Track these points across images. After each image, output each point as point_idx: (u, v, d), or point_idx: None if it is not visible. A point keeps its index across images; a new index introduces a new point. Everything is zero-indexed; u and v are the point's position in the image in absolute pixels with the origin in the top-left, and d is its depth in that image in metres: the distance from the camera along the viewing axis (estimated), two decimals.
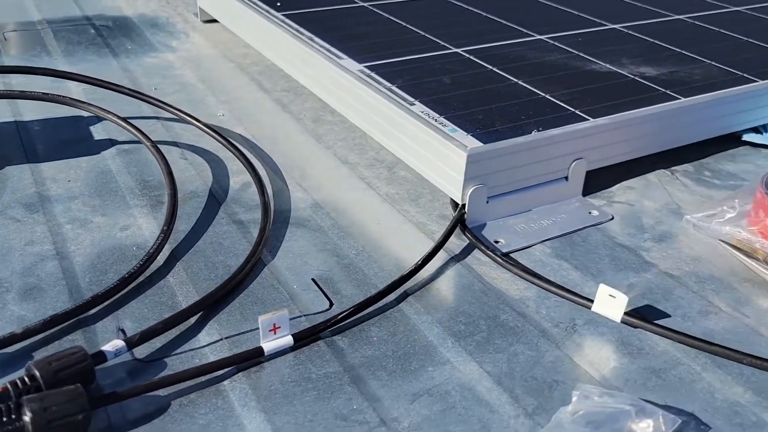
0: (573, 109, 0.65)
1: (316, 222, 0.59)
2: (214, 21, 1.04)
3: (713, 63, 0.79)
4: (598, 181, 0.67)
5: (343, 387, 0.42)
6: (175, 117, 0.73)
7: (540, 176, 0.61)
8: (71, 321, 0.46)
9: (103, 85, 0.74)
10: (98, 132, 0.71)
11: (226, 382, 0.42)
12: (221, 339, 0.45)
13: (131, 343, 0.43)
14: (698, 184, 0.68)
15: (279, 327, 0.44)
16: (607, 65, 0.77)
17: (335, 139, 0.73)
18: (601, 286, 0.48)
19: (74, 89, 0.80)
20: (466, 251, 0.56)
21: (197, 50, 0.95)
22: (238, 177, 0.65)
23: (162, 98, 0.79)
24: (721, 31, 0.90)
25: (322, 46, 0.77)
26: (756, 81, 0.74)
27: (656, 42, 0.85)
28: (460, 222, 0.58)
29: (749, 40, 0.87)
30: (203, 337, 0.46)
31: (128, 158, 0.67)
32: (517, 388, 0.43)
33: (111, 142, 0.69)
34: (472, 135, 0.59)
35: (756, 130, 0.76)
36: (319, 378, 0.43)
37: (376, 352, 0.45)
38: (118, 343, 0.42)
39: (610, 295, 0.47)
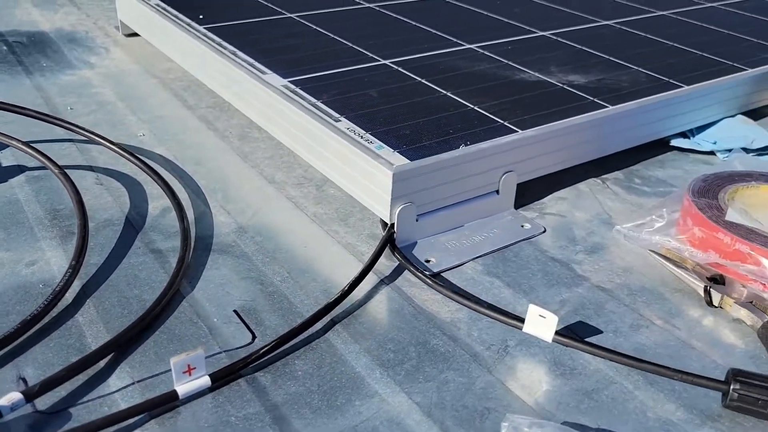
0: (502, 121, 0.64)
1: (240, 248, 0.56)
2: (137, 35, 1.00)
3: (640, 69, 0.79)
4: (530, 192, 0.66)
5: (265, 429, 0.40)
6: (88, 139, 0.69)
7: (470, 191, 0.60)
8: None
9: (7, 108, 0.69)
10: (5, 158, 0.67)
11: None
12: (133, 383, 0.42)
13: (30, 395, 0.39)
14: (629, 192, 0.68)
15: (194, 368, 0.41)
16: (536, 74, 0.76)
17: (262, 157, 0.70)
18: (531, 306, 0.46)
19: None
20: (396, 273, 0.54)
21: (117, 66, 0.91)
22: (158, 202, 0.62)
23: (78, 118, 0.75)
24: (648, 36, 0.91)
25: (245, 61, 0.74)
26: (682, 86, 0.74)
27: (584, 48, 0.85)
28: (389, 242, 0.56)
29: (674, 44, 0.88)
30: (114, 381, 0.43)
31: (38, 186, 0.63)
32: (447, 419, 0.41)
33: (19, 169, 0.65)
34: (398, 152, 0.58)
35: (683, 134, 0.77)
36: (239, 420, 0.40)
37: (300, 388, 0.43)
38: (15, 396, 0.39)
39: (540, 315, 0.46)
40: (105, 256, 0.54)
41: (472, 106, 0.67)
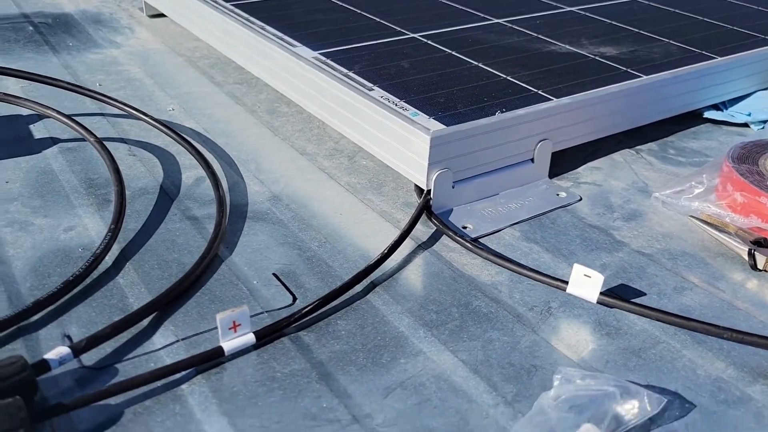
0: (536, 90, 0.64)
1: (275, 215, 0.56)
2: (161, 15, 1.00)
3: (672, 42, 0.78)
4: (564, 163, 0.65)
5: (311, 385, 0.40)
6: (122, 113, 0.69)
7: (505, 159, 0.59)
8: (11, 329, 0.42)
9: (43, 81, 0.69)
10: (39, 130, 0.67)
11: (184, 386, 0.39)
12: (177, 340, 0.42)
13: (77, 350, 0.39)
14: (664, 162, 0.67)
15: (239, 324, 0.41)
16: (567, 46, 0.75)
17: (292, 130, 0.70)
18: (576, 266, 0.46)
19: (12, 86, 0.75)
20: (434, 238, 0.54)
21: (143, 45, 0.91)
22: (191, 172, 0.62)
23: (108, 94, 0.75)
24: (677, 11, 0.90)
25: (274, 35, 0.74)
26: (716, 57, 0.73)
27: (614, 23, 0.84)
28: (425, 208, 0.56)
29: (705, 19, 0.87)
30: (158, 339, 0.42)
31: (72, 156, 0.63)
32: (494, 375, 0.41)
33: (53, 141, 0.65)
34: (434, 118, 0.57)
35: (716, 107, 0.76)
36: (284, 377, 0.40)
37: (345, 347, 0.43)
38: (63, 350, 0.39)
39: (585, 275, 0.45)
40: (142, 222, 0.54)
41: (504, 76, 0.67)
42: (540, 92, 0.63)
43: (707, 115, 0.75)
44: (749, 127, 0.74)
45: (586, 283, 0.46)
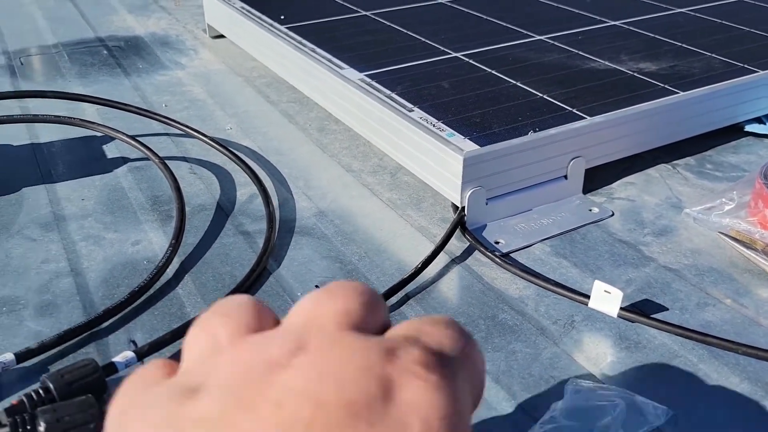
0: (570, 108, 0.66)
1: (320, 230, 0.61)
2: (223, 36, 1.06)
3: (713, 55, 0.79)
4: (598, 178, 0.67)
5: None
6: (183, 132, 0.75)
7: (538, 176, 0.62)
8: (85, 334, 0.48)
9: (113, 105, 0.76)
10: (111, 150, 0.74)
11: None
12: None
13: (141, 354, 0.45)
14: (700, 177, 0.68)
15: None
16: (606, 62, 0.77)
17: (340, 148, 0.75)
18: (596, 282, 0.48)
19: (88, 110, 0.82)
20: (467, 253, 0.57)
21: (206, 66, 0.97)
22: (245, 189, 0.67)
23: (171, 114, 0.81)
24: (723, 22, 0.90)
25: (323, 57, 0.79)
26: (757, 71, 0.74)
27: (657, 36, 0.85)
28: (460, 224, 0.59)
29: (751, 30, 0.87)
30: None
31: (139, 175, 0.69)
32: (514, 384, 0.44)
33: (123, 160, 0.72)
34: (469, 138, 0.60)
35: (759, 120, 0.76)
36: None
37: None
38: (129, 354, 0.44)
39: (606, 291, 0.48)
40: (199, 236, 0.59)
41: (541, 95, 0.69)
42: (574, 111, 0.66)
43: (748, 128, 0.75)
44: None
45: (607, 298, 0.48)
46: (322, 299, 0.22)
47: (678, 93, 0.69)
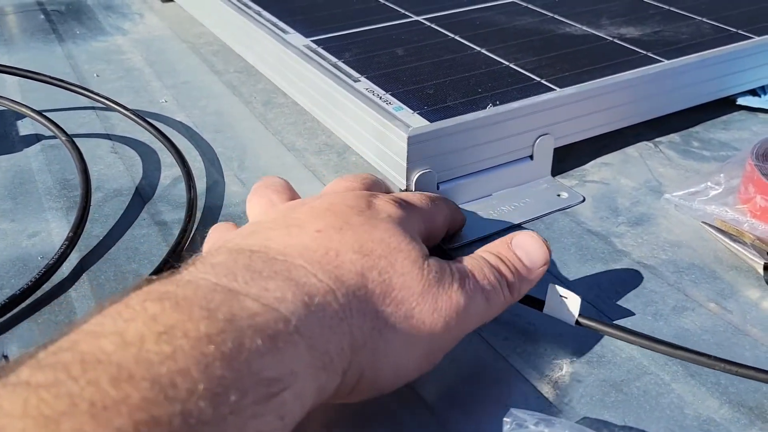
0: (539, 79, 0.58)
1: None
2: (173, 0, 0.98)
3: (704, 19, 0.71)
4: (571, 158, 0.60)
5: None
6: (107, 106, 0.67)
7: (500, 156, 0.54)
8: None
9: (25, 76, 0.68)
10: (26, 127, 0.66)
11: None
12: None
13: None
14: (684, 157, 0.60)
15: None
16: (584, 27, 0.69)
17: (284, 124, 0.67)
18: (551, 286, 0.41)
19: (9, 81, 0.74)
20: None
21: (150, 32, 0.88)
22: (170, 171, 0.59)
23: (102, 85, 0.73)
24: None
25: (268, 20, 0.70)
26: (752, 37, 0.66)
27: None
28: None
29: None
30: None
31: (52, 155, 0.61)
32: (453, 404, 0.37)
33: (36, 138, 0.64)
34: (418, 113, 0.53)
35: (753, 92, 0.68)
36: None
37: None
38: None
39: (562, 296, 0.41)
40: (108, 227, 0.52)
41: (507, 64, 0.61)
42: (543, 81, 0.58)
43: (741, 101, 0.67)
44: None
45: (563, 304, 0.41)
46: (336, 180, 0.41)
47: (662, 62, 0.61)
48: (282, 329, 0.27)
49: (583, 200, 0.55)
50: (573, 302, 0.40)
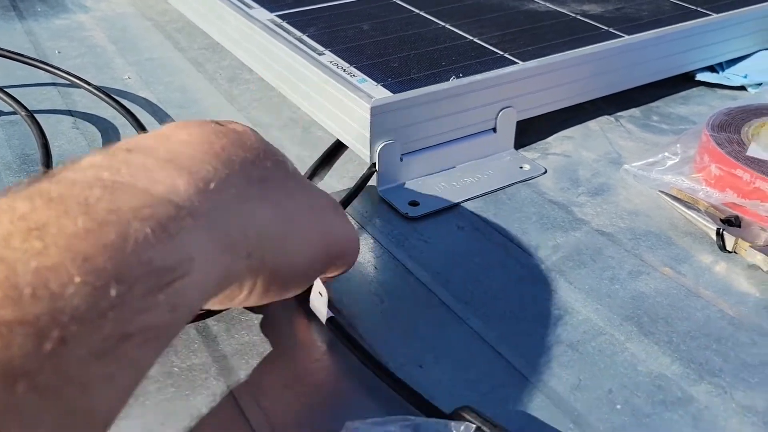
0: (502, 53, 0.59)
1: None
2: None
3: None
4: (533, 131, 0.60)
5: (209, 381, 0.37)
6: (70, 82, 0.66)
7: (462, 129, 0.55)
8: None
9: None
10: None
11: None
12: None
13: None
14: (644, 130, 0.62)
15: None
16: (547, 4, 0.70)
17: (250, 100, 0.66)
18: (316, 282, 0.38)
19: None
20: (376, 216, 0.50)
21: (113, 9, 0.87)
22: None
23: (64, 62, 0.72)
24: None
25: None
26: (710, 14, 0.67)
27: None
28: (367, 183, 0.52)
29: None
30: None
31: (12, 130, 0.60)
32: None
33: None
34: (382, 85, 0.53)
35: (712, 68, 0.70)
36: (181, 371, 0.37)
37: (255, 338, 0.40)
38: None
39: (319, 293, 0.39)
40: None
41: (471, 38, 0.62)
42: (506, 55, 0.58)
43: (700, 77, 0.69)
44: (747, 90, 0.68)
45: (319, 300, 0.39)
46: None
47: (623, 37, 0.62)
48: (174, 215, 0.25)
49: (545, 172, 0.56)
50: (324, 299, 0.38)
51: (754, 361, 0.38)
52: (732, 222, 0.47)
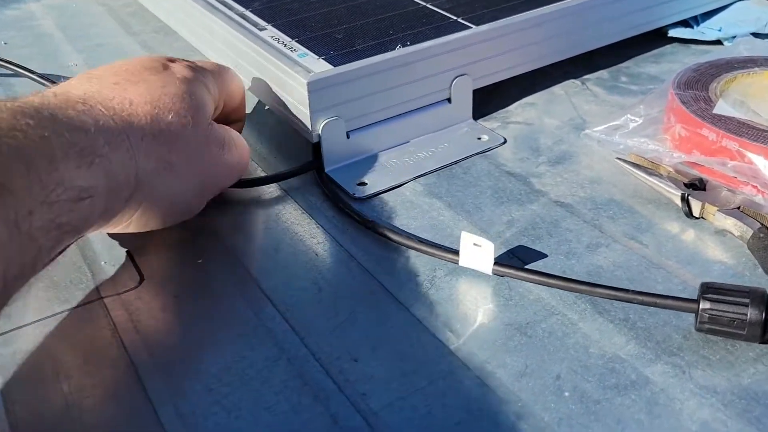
0: (455, 18, 0.55)
1: None
2: None
3: None
4: (495, 100, 0.57)
5: None
6: (13, 72, 0.63)
7: (414, 101, 0.52)
8: None
9: None
10: None
11: None
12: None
13: None
14: (611, 93, 0.58)
15: None
16: None
17: None
18: (464, 234, 0.39)
19: None
20: (321, 199, 0.47)
21: None
22: None
23: (11, 52, 0.69)
24: None
25: None
26: None
27: None
28: (315, 164, 0.49)
29: None
30: None
31: None
32: (365, 356, 0.35)
33: None
34: (323, 58, 0.50)
35: (685, 23, 0.66)
36: None
37: None
38: None
39: (475, 244, 0.38)
40: None
41: (423, 4, 0.58)
42: (460, 20, 0.55)
43: (672, 33, 0.65)
44: (723, 44, 0.64)
45: (477, 253, 0.39)
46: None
47: None
48: (87, 150, 0.33)
49: (504, 142, 0.52)
50: (486, 250, 0.38)
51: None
52: (696, 186, 0.43)
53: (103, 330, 0.37)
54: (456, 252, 0.40)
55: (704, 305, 0.34)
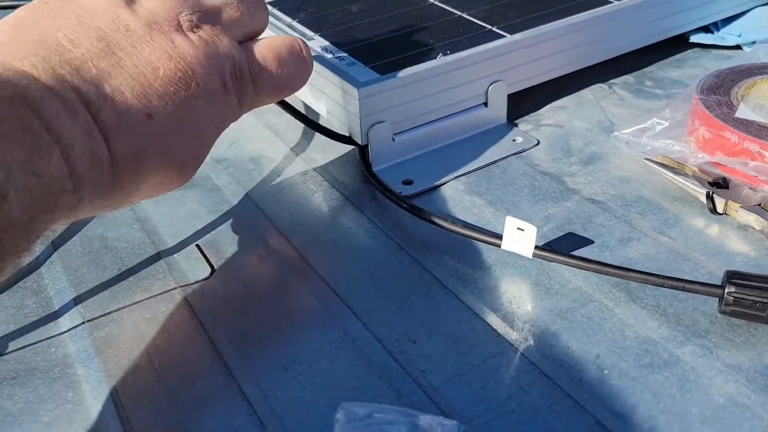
0: (490, 27, 0.59)
1: (212, 181, 0.54)
2: None
3: None
4: (527, 103, 0.61)
5: None
6: None
7: (453, 105, 0.55)
8: None
9: None
10: None
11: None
12: (84, 322, 0.41)
13: None
14: (637, 96, 0.62)
15: None
16: None
17: None
18: (508, 218, 0.42)
19: None
20: (371, 197, 0.51)
21: None
22: None
23: None
24: None
25: None
26: None
27: None
28: (364, 165, 0.53)
29: None
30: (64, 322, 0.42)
31: None
32: (414, 337, 0.39)
33: None
34: (370, 67, 0.54)
35: (706, 29, 0.69)
36: None
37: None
38: None
39: (519, 228, 0.42)
40: None
41: (459, 14, 0.62)
42: (494, 29, 0.59)
43: (693, 39, 0.68)
44: (743, 49, 0.68)
45: (520, 237, 0.43)
46: None
47: (611, 2, 0.62)
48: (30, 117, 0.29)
49: (538, 143, 0.56)
50: (529, 234, 0.42)
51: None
52: (720, 184, 0.47)
53: (184, 315, 0.41)
54: (499, 236, 0.44)
55: (729, 289, 0.38)
